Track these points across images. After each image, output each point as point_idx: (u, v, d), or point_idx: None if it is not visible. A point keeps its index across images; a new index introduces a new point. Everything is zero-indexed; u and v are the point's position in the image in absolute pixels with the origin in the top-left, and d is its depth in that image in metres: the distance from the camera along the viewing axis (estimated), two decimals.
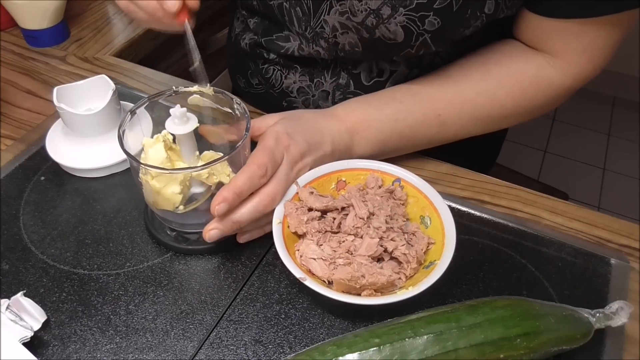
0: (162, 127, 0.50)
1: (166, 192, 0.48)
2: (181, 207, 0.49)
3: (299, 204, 0.50)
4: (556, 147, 2.00)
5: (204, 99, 0.52)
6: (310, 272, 0.47)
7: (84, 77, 0.64)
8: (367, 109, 0.58)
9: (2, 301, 0.45)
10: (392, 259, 0.49)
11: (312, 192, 0.51)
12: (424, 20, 0.53)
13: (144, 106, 0.51)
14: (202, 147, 0.53)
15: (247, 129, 0.49)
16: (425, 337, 0.40)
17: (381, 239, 0.48)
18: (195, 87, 0.52)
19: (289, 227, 0.50)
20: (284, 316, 0.49)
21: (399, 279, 0.47)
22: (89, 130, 0.60)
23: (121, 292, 0.50)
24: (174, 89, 0.52)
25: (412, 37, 0.55)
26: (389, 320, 0.43)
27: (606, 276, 0.52)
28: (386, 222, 0.49)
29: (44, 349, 0.46)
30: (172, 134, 0.50)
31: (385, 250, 0.48)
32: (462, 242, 0.48)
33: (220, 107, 0.53)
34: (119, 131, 0.48)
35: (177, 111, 0.48)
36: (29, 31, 0.79)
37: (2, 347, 0.42)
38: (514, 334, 0.40)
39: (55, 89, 0.59)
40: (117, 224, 0.56)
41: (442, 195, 0.51)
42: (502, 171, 1.04)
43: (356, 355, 0.39)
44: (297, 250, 0.49)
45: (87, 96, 0.62)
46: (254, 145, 0.51)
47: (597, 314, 0.44)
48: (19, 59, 0.79)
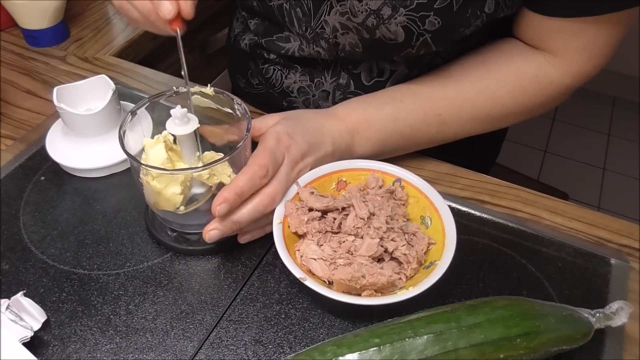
0: (163, 128, 0.49)
1: (167, 192, 0.48)
2: (182, 208, 0.49)
3: (300, 204, 0.50)
4: (556, 147, 2.00)
5: (205, 99, 0.52)
6: (310, 273, 0.47)
7: (84, 77, 0.64)
8: (367, 108, 0.58)
9: (2, 301, 0.45)
10: (392, 259, 0.48)
11: (312, 192, 0.51)
12: (424, 20, 0.53)
13: (144, 107, 0.51)
14: (203, 147, 0.53)
15: (248, 130, 0.49)
16: (425, 337, 0.40)
17: (382, 239, 0.48)
18: (195, 88, 0.52)
19: (289, 227, 0.50)
20: (284, 316, 0.49)
21: (400, 279, 0.47)
22: (89, 130, 0.60)
23: (121, 292, 0.50)
24: (175, 90, 0.52)
25: (412, 37, 0.55)
26: (389, 320, 0.43)
27: (606, 276, 0.52)
28: (387, 223, 0.49)
29: (44, 349, 0.46)
30: (172, 135, 0.50)
31: (385, 250, 0.48)
32: (462, 242, 0.48)
33: (220, 107, 0.53)
34: (119, 132, 0.48)
35: (177, 112, 0.48)
36: (29, 31, 0.79)
37: (2, 347, 0.42)
38: (514, 334, 0.40)
39: (55, 89, 0.59)
40: (117, 224, 0.56)
41: (442, 195, 0.51)
42: (502, 171, 1.04)
43: (356, 355, 0.39)
44: (298, 250, 0.49)
45: (87, 96, 0.62)
46: (254, 145, 0.51)
47: (597, 314, 0.44)
48: (19, 59, 0.79)
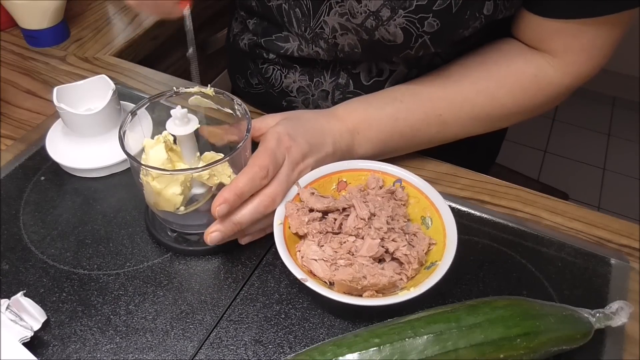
0: (163, 128, 0.50)
1: (167, 193, 0.48)
2: (182, 208, 0.49)
3: (300, 205, 0.50)
4: (556, 147, 2.00)
5: (205, 100, 0.52)
6: (311, 273, 0.47)
7: (84, 77, 0.63)
8: (367, 108, 0.58)
9: (2, 301, 0.45)
10: (393, 259, 0.48)
11: (313, 193, 0.51)
12: (423, 22, 0.53)
13: (144, 107, 0.51)
14: (203, 148, 0.53)
15: (248, 130, 0.49)
16: (425, 337, 0.40)
17: (382, 239, 0.48)
18: (196, 88, 0.52)
19: (290, 227, 0.50)
20: (284, 316, 0.49)
21: (401, 279, 0.47)
22: (89, 130, 0.60)
23: (121, 292, 0.50)
24: (175, 90, 0.52)
25: (411, 38, 0.55)
26: (389, 320, 0.43)
27: (606, 276, 0.52)
28: (387, 223, 0.48)
29: (44, 349, 0.46)
30: (172, 135, 0.50)
31: (386, 251, 0.48)
32: (462, 242, 0.48)
33: (221, 107, 0.53)
34: (119, 132, 0.48)
35: (177, 112, 0.48)
36: (29, 31, 0.79)
37: (2, 347, 0.42)
38: (514, 334, 0.40)
39: (55, 89, 0.59)
40: (117, 224, 0.56)
41: (442, 195, 0.51)
42: (502, 171, 1.04)
43: (356, 355, 0.39)
44: (298, 251, 0.49)
45: (87, 96, 0.62)
46: (254, 145, 0.51)
47: (597, 314, 0.44)
48: (19, 59, 0.79)
